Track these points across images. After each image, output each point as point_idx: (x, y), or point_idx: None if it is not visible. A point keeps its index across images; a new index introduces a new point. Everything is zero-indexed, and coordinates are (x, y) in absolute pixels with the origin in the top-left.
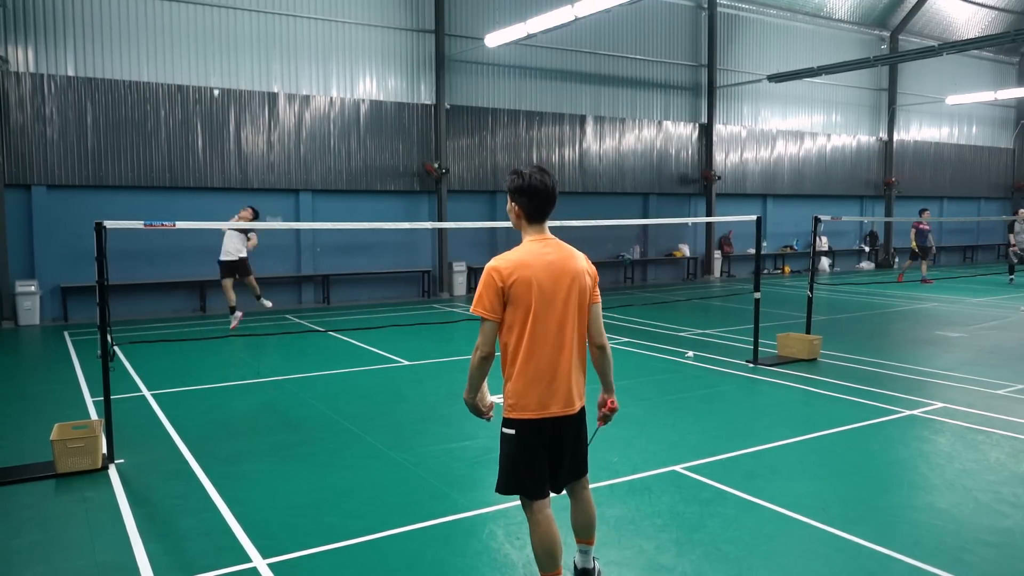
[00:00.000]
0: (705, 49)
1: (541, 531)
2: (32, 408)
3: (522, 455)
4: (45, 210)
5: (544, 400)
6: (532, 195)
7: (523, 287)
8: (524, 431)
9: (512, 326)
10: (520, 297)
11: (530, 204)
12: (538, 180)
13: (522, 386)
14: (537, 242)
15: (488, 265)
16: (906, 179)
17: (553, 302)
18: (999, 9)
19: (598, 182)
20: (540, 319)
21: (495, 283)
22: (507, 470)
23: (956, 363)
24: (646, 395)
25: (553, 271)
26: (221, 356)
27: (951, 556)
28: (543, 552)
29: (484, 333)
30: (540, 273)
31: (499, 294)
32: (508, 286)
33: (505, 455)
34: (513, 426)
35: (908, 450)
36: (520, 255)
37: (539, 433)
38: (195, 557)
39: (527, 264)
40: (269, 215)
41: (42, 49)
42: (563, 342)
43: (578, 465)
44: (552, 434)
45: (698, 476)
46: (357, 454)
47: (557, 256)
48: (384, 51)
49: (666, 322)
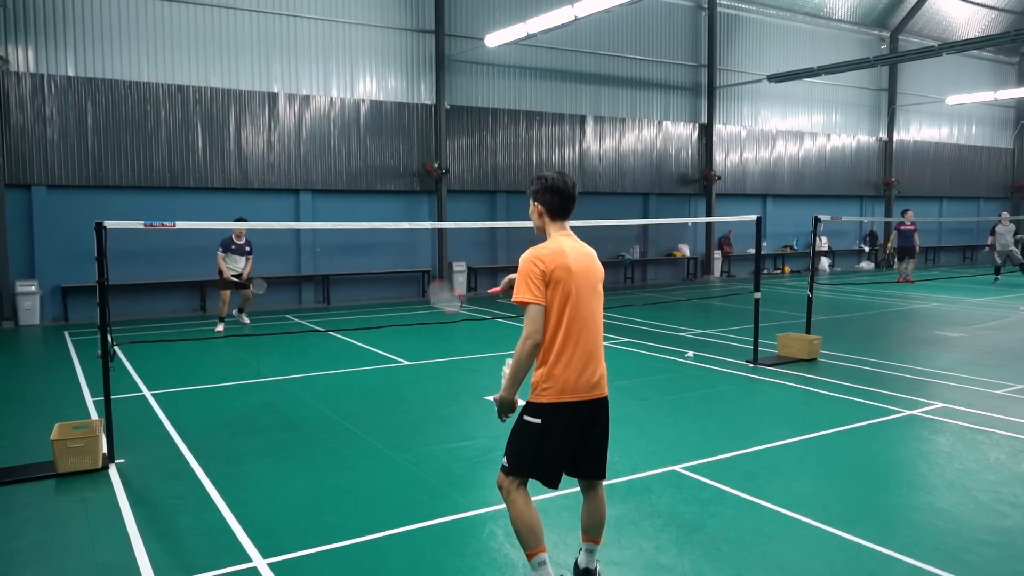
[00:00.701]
0: (705, 49)
1: (520, 507)
2: (32, 408)
3: (550, 442)
4: (45, 210)
5: (581, 383)
6: (556, 192)
7: (563, 272)
8: (557, 416)
9: (553, 312)
10: (561, 282)
11: (553, 201)
12: (560, 181)
13: (560, 369)
14: (567, 237)
15: (527, 255)
16: (906, 179)
17: (583, 289)
18: (999, 9)
19: (598, 182)
20: (578, 304)
21: (538, 269)
22: (531, 455)
23: (956, 363)
24: (646, 395)
25: (584, 262)
26: (221, 356)
27: (951, 556)
28: (527, 529)
29: (533, 320)
30: (574, 262)
31: (543, 279)
32: (551, 272)
33: (526, 442)
34: (542, 414)
35: (908, 450)
36: (556, 245)
37: (574, 417)
38: (195, 557)
39: (564, 252)
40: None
41: (42, 49)
42: (596, 330)
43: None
44: (587, 417)
45: (698, 476)
46: (357, 454)
47: (585, 251)
48: (384, 51)
49: (666, 322)
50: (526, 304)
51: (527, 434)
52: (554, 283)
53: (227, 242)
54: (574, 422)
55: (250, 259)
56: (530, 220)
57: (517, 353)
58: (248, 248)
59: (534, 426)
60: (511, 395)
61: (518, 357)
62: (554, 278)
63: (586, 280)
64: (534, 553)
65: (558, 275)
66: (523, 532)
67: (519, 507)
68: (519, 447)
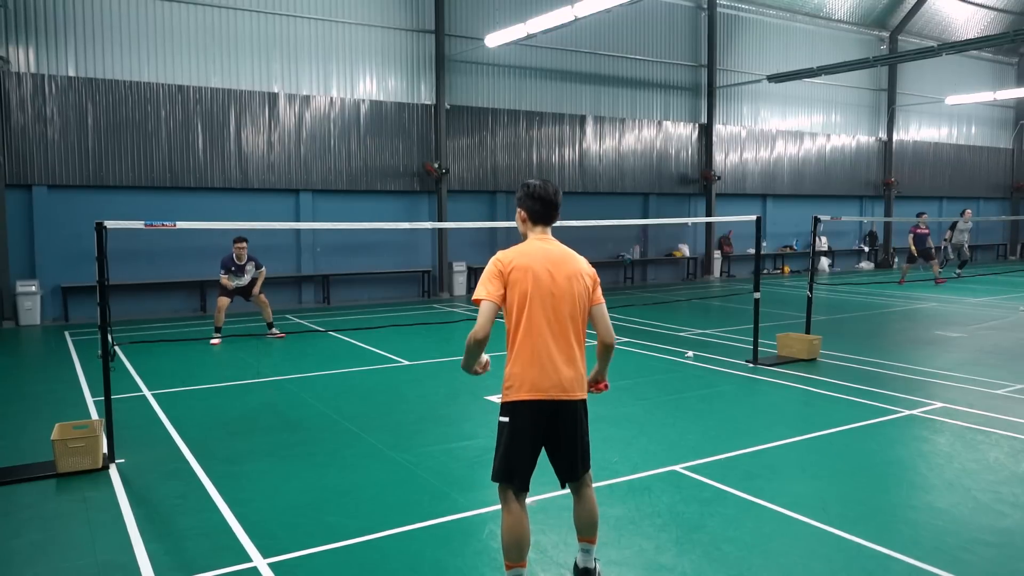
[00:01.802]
0: (705, 49)
1: (513, 520)
2: (32, 408)
3: (514, 441)
4: (46, 210)
5: (539, 382)
6: (537, 199)
7: (521, 272)
8: (518, 415)
9: (511, 311)
10: (518, 282)
11: (534, 207)
12: (543, 188)
13: (519, 368)
14: (538, 240)
15: (492, 258)
16: (905, 179)
17: (551, 292)
18: (998, 9)
19: (598, 182)
20: (536, 304)
21: (496, 269)
22: (500, 455)
23: (956, 363)
24: (646, 395)
25: (550, 263)
26: (221, 356)
27: (951, 556)
28: (513, 542)
29: (483, 314)
30: (538, 263)
31: (500, 278)
32: (508, 272)
33: (499, 442)
34: (508, 413)
35: (908, 450)
36: (521, 248)
37: (535, 416)
38: (195, 557)
39: (527, 253)
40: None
41: (42, 49)
42: (561, 332)
43: (579, 460)
44: (548, 420)
45: (698, 476)
46: (357, 454)
47: (558, 254)
48: (384, 51)
49: (666, 322)
50: (479, 301)
51: (500, 434)
52: (511, 284)
53: (227, 262)
54: (537, 421)
55: (262, 272)
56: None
57: (466, 344)
58: (251, 267)
59: (503, 425)
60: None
61: (465, 348)
62: (512, 279)
63: (552, 282)
64: (512, 567)
65: (516, 276)
66: (507, 544)
67: (510, 520)
68: (497, 449)
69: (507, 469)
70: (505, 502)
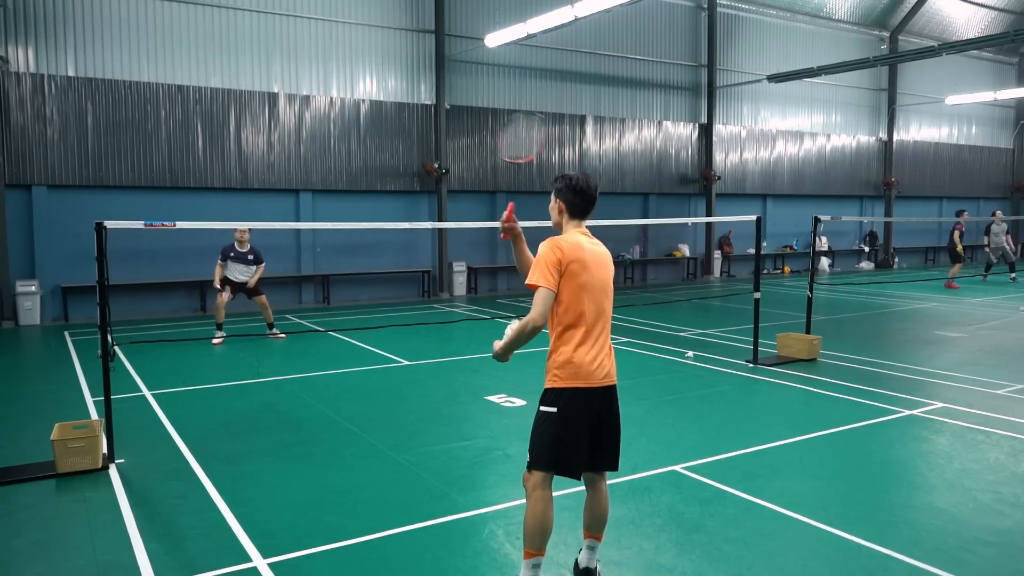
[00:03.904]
0: (705, 49)
1: (541, 508)
2: (32, 408)
3: (568, 428)
4: (45, 210)
5: (594, 370)
6: (579, 193)
7: (579, 265)
8: (572, 404)
9: (566, 300)
10: (576, 274)
11: (575, 201)
12: (585, 183)
13: (573, 356)
14: (584, 234)
15: (548, 242)
16: (906, 179)
17: (595, 284)
18: (999, 9)
19: (598, 182)
20: (592, 298)
21: (555, 257)
22: (549, 445)
23: (956, 363)
24: (646, 395)
25: (598, 258)
26: (221, 356)
27: (951, 556)
28: (539, 529)
29: (541, 303)
30: (589, 257)
31: (558, 268)
32: (567, 262)
33: (546, 433)
34: (557, 402)
35: (908, 450)
36: (575, 239)
37: (589, 404)
38: (195, 557)
39: (582, 247)
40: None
41: (42, 49)
42: (604, 321)
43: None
44: (599, 406)
45: (698, 476)
46: (357, 454)
47: (600, 250)
48: (384, 51)
49: (666, 322)
50: (538, 287)
51: (545, 424)
52: (568, 274)
53: (227, 249)
54: (588, 409)
55: (260, 267)
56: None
57: (520, 328)
58: (252, 257)
59: (550, 415)
60: (505, 356)
61: (519, 332)
62: (570, 270)
63: (599, 276)
64: (533, 555)
65: (574, 268)
66: (533, 532)
67: (539, 507)
68: (538, 439)
69: (558, 459)
70: (539, 488)
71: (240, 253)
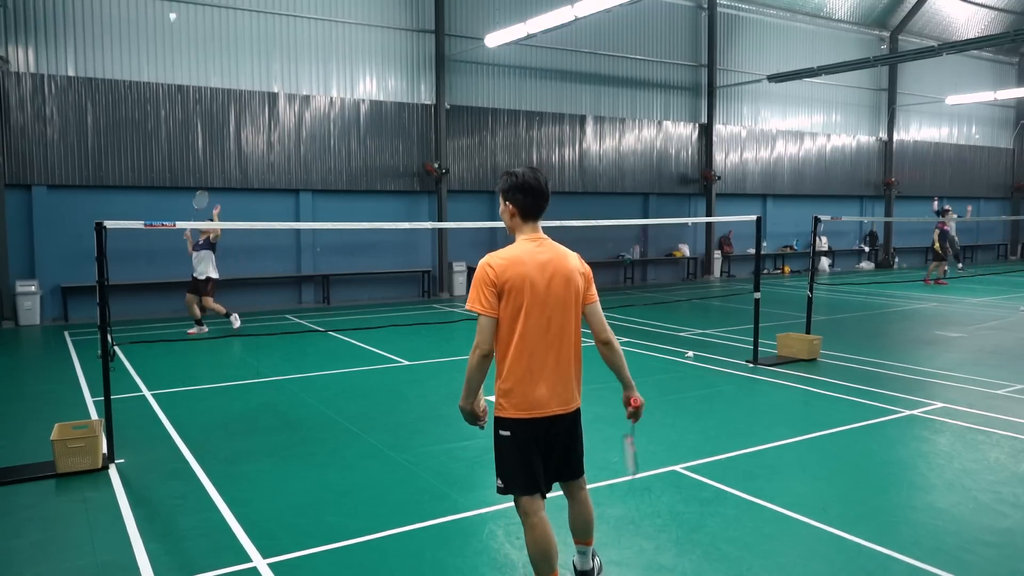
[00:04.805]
0: (705, 49)
1: (537, 534)
2: (32, 408)
3: (516, 455)
4: (45, 210)
5: (537, 400)
6: (526, 191)
7: (517, 283)
8: (524, 431)
9: (504, 323)
10: (513, 294)
11: (524, 201)
12: (531, 177)
13: (515, 384)
14: (531, 241)
15: (481, 261)
16: (906, 179)
17: (546, 301)
18: (999, 9)
19: (598, 182)
20: (532, 317)
21: (489, 278)
22: (511, 469)
23: (956, 363)
24: (646, 395)
25: (546, 271)
26: (221, 356)
27: (951, 556)
28: (540, 555)
29: (483, 330)
30: (533, 271)
31: (493, 288)
32: (501, 282)
33: (504, 456)
34: (508, 427)
35: (908, 450)
36: (514, 252)
37: (532, 431)
38: (195, 557)
39: (521, 261)
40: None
41: (42, 49)
42: (558, 341)
43: (574, 466)
44: (546, 433)
45: (698, 476)
46: (357, 454)
47: (551, 256)
48: (384, 51)
49: (666, 322)
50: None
51: (501, 447)
52: (507, 293)
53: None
54: (536, 435)
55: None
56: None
57: (468, 362)
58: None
59: (505, 439)
60: (467, 404)
61: (468, 367)
62: (506, 288)
63: (549, 289)
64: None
65: (511, 285)
66: (536, 559)
67: (535, 533)
68: (504, 465)
69: (523, 480)
70: (527, 514)
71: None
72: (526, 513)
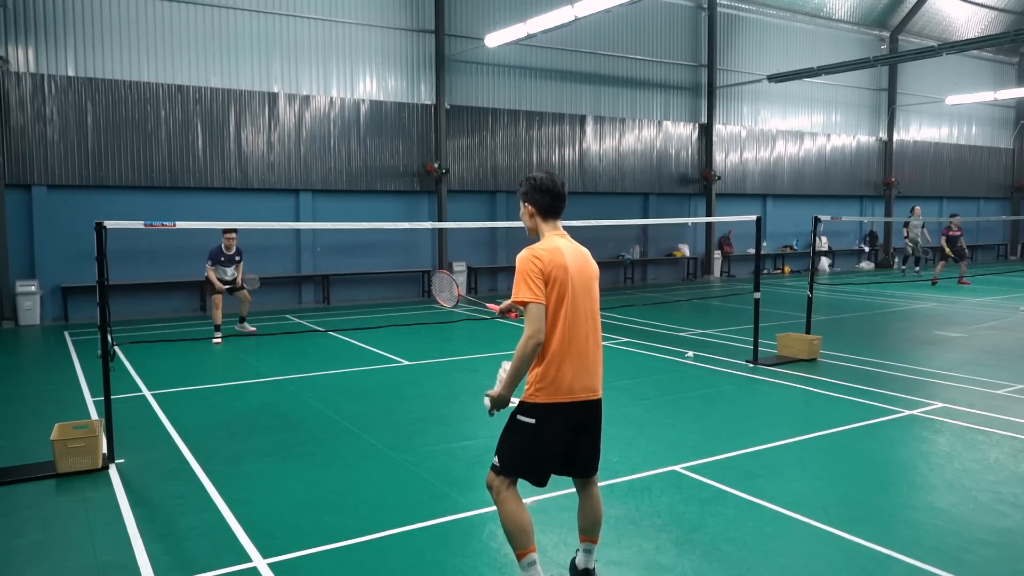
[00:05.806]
0: (705, 49)
1: (511, 508)
2: (32, 408)
3: (543, 442)
4: (45, 210)
5: (576, 384)
6: (544, 191)
7: (559, 273)
8: (551, 416)
9: (549, 311)
10: (558, 281)
11: (542, 200)
12: (549, 180)
13: (556, 369)
14: (561, 237)
15: (525, 253)
16: (906, 179)
17: (582, 292)
18: (999, 9)
19: (598, 182)
20: (573, 305)
21: (536, 268)
22: (525, 455)
23: (956, 363)
24: (646, 395)
25: (579, 263)
26: (221, 356)
27: (951, 556)
28: (518, 529)
29: (538, 318)
30: (570, 262)
31: (542, 277)
32: (548, 272)
33: (520, 440)
34: (535, 413)
35: (908, 450)
36: (553, 244)
37: (568, 418)
38: (195, 557)
39: (561, 252)
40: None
41: (42, 49)
42: (592, 332)
43: (594, 461)
44: (580, 418)
45: (698, 476)
46: (357, 454)
47: (580, 252)
48: (384, 51)
49: (666, 322)
50: (526, 304)
51: (520, 433)
52: (552, 282)
53: (216, 253)
54: (567, 423)
55: (240, 264)
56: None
57: (519, 352)
58: (238, 257)
59: (527, 426)
60: (508, 393)
61: (520, 356)
62: (552, 277)
63: (582, 280)
64: (524, 553)
65: (556, 274)
66: (514, 532)
67: (510, 508)
68: (511, 447)
69: (531, 470)
70: (499, 492)
71: (229, 256)
72: (499, 491)
